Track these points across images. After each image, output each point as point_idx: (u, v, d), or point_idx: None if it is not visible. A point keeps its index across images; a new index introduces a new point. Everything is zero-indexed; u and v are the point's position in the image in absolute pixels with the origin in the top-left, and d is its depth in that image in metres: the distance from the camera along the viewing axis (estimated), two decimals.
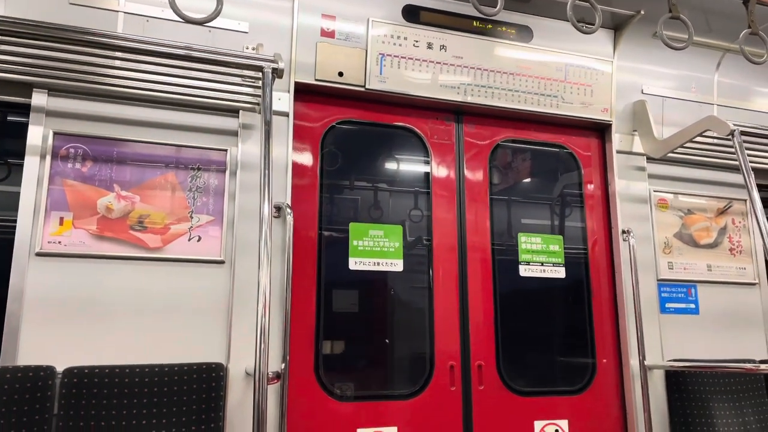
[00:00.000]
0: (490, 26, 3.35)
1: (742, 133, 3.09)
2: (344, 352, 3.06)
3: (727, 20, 3.48)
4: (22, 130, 2.59)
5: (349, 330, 3.10)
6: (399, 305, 3.19)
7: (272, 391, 2.59)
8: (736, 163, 3.04)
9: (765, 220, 2.86)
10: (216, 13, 2.49)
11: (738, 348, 3.49)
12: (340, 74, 3.08)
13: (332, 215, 3.12)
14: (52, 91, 2.63)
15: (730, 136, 3.08)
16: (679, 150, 3.45)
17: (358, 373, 3.06)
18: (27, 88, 2.60)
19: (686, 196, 3.68)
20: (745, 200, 3.75)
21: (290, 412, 2.71)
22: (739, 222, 3.76)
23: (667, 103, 3.71)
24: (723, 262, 3.65)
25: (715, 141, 3.52)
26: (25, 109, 2.60)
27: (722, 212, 3.74)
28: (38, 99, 2.60)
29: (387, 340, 3.17)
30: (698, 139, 3.37)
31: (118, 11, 2.76)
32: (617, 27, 3.58)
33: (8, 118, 2.75)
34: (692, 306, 3.50)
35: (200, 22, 2.50)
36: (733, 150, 3.07)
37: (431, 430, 2.97)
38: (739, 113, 3.82)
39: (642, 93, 3.66)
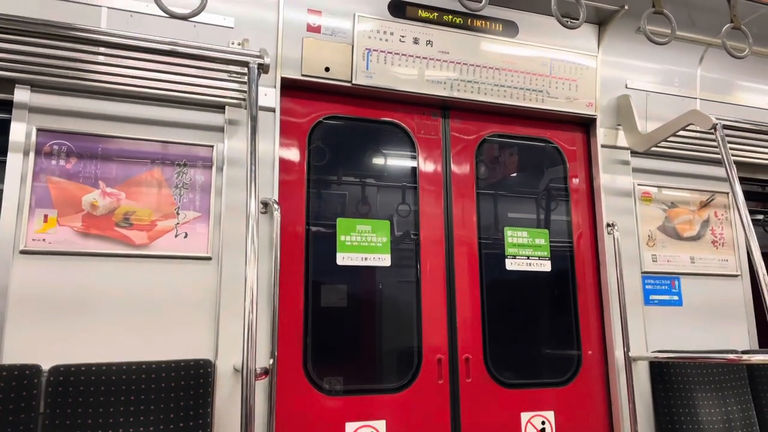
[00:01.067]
0: (475, 21, 3.36)
1: (725, 126, 3.12)
2: (332, 347, 3.07)
3: (710, 15, 3.51)
4: (4, 126, 2.56)
5: (337, 325, 3.10)
6: (387, 300, 3.20)
7: (260, 387, 2.60)
8: (719, 156, 3.08)
9: (747, 212, 2.89)
10: (201, 8, 2.47)
11: (721, 339, 3.55)
12: (327, 69, 3.07)
13: (320, 211, 3.12)
14: (35, 87, 2.59)
15: (712, 130, 3.11)
16: (663, 144, 3.49)
17: (346, 368, 3.06)
18: (9, 84, 2.56)
19: (669, 190, 3.72)
20: (728, 193, 3.80)
21: (279, 408, 2.71)
22: (722, 215, 3.81)
23: (651, 97, 3.74)
24: (706, 254, 3.70)
25: (698, 135, 3.56)
26: (8, 106, 2.57)
27: (705, 205, 3.79)
28: (21, 95, 2.57)
29: (375, 335, 3.18)
30: (681, 133, 3.40)
31: (101, 6, 2.73)
32: (601, 22, 3.60)
33: None
34: (676, 298, 3.55)
35: (185, 17, 2.48)
36: (715, 144, 3.10)
37: (419, 423, 2.99)
38: (721, 107, 3.85)
39: (626, 87, 3.68)
